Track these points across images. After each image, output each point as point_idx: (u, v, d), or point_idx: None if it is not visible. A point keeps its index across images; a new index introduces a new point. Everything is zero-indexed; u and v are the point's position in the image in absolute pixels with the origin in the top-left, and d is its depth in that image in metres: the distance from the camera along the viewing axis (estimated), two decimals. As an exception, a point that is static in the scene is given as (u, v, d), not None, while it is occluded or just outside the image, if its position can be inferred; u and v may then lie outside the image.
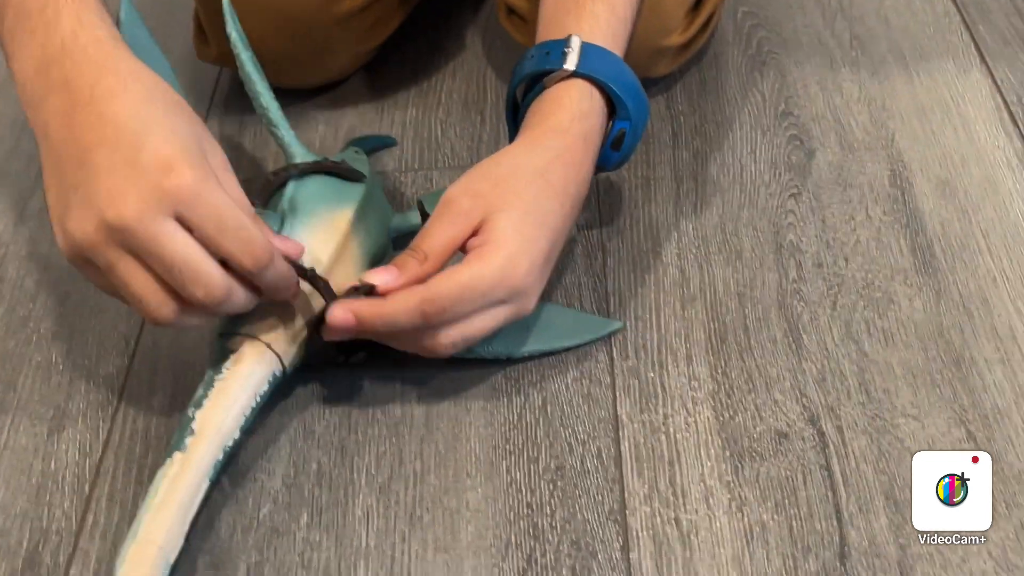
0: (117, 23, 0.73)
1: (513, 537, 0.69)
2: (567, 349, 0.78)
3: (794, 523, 0.68)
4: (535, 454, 0.73)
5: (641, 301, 0.82)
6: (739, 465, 0.72)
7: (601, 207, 0.90)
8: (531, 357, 0.78)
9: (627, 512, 0.70)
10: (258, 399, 0.71)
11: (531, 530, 0.69)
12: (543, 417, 0.75)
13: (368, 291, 0.69)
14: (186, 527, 0.66)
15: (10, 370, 0.81)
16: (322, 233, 0.75)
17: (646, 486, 0.71)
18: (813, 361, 0.77)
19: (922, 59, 1.01)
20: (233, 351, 0.71)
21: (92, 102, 0.64)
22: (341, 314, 0.68)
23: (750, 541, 0.68)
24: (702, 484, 0.71)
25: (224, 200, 0.63)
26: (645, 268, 0.84)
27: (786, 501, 0.69)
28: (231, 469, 0.73)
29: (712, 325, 0.80)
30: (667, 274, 0.84)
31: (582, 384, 0.77)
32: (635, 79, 0.78)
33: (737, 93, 0.99)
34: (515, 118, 0.80)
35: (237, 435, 0.70)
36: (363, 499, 0.72)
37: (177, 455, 0.67)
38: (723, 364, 0.77)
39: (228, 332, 0.72)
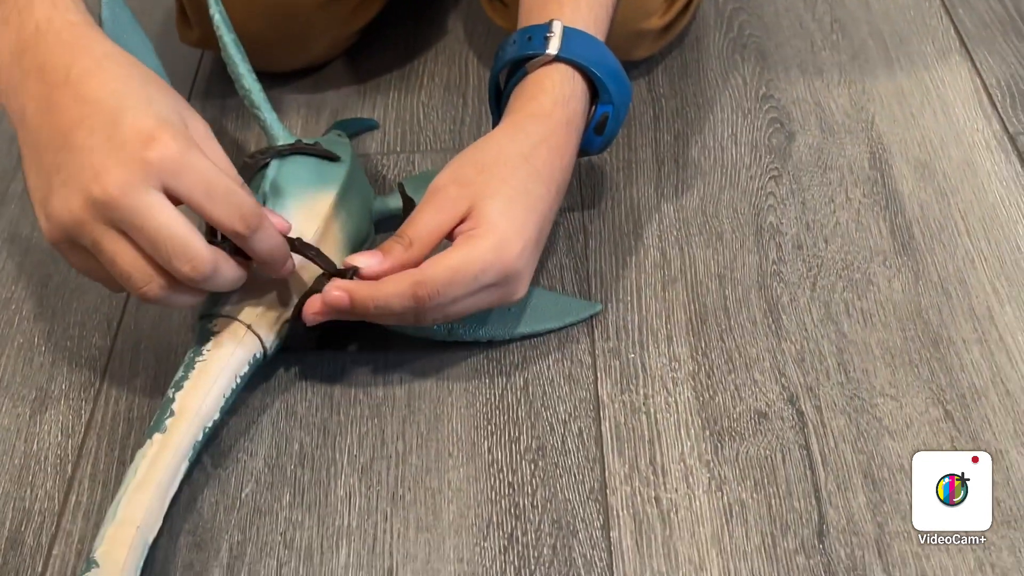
0: (99, 5, 0.73)
1: (495, 516, 0.69)
2: (549, 332, 0.79)
3: (773, 502, 0.69)
4: (516, 434, 0.74)
5: (622, 283, 0.83)
6: (719, 444, 0.72)
7: (583, 189, 0.90)
8: (512, 340, 0.78)
9: (607, 491, 0.70)
10: (238, 381, 0.71)
11: (512, 509, 0.70)
12: (524, 398, 0.76)
13: (352, 274, 0.70)
14: (165, 507, 0.66)
15: (-8, 352, 0.81)
16: (304, 215, 0.75)
17: (626, 465, 0.72)
18: (792, 342, 0.78)
19: (902, 43, 1.02)
20: (214, 333, 0.71)
21: (68, 83, 0.64)
22: (336, 293, 0.69)
23: (729, 519, 0.68)
24: (682, 463, 0.71)
25: (209, 166, 0.63)
26: (626, 250, 0.85)
27: (765, 480, 0.70)
28: (213, 449, 0.73)
29: (692, 306, 0.80)
30: (648, 256, 0.84)
31: (563, 365, 0.77)
32: (617, 63, 0.78)
33: (718, 76, 1.00)
34: (498, 103, 0.80)
35: (217, 416, 0.70)
36: (345, 479, 0.72)
37: (157, 436, 0.67)
38: (703, 345, 0.78)
39: (209, 314, 0.72)
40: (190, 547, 0.69)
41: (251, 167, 0.79)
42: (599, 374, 0.77)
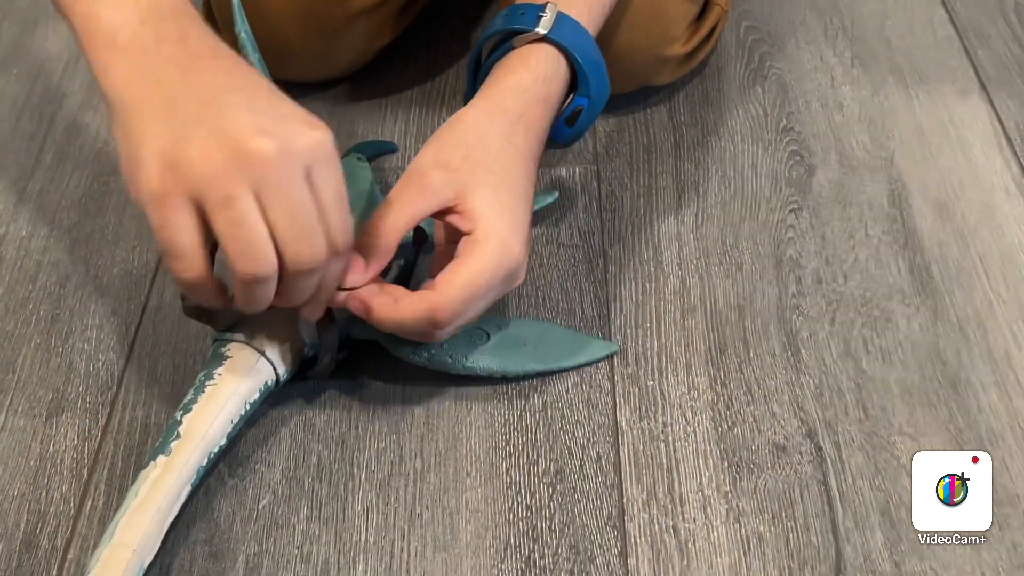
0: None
1: (512, 538, 0.69)
2: (562, 370, 0.79)
3: (791, 536, 0.69)
4: (535, 456, 0.74)
5: (641, 309, 0.83)
6: (737, 476, 0.72)
7: (603, 213, 0.90)
8: (527, 376, 0.78)
9: (625, 518, 0.70)
10: (248, 407, 0.71)
11: (530, 532, 0.70)
12: (543, 420, 0.76)
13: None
14: (163, 531, 0.65)
15: (9, 351, 0.80)
16: None
17: (644, 493, 0.72)
18: (811, 376, 0.78)
19: (922, 81, 1.02)
20: (227, 357, 0.71)
21: (214, 58, 0.63)
22: (356, 304, 0.69)
23: (747, 552, 0.69)
24: (700, 493, 0.72)
25: (342, 177, 0.63)
26: (646, 276, 0.85)
27: (783, 513, 0.70)
28: (231, 459, 0.73)
29: (712, 336, 0.81)
30: (668, 284, 0.85)
31: (582, 389, 0.78)
32: (601, 59, 0.78)
33: (739, 106, 1.00)
34: (475, 77, 0.80)
35: (223, 442, 0.69)
36: (363, 494, 0.72)
37: (161, 458, 0.66)
38: (722, 375, 0.78)
39: (223, 338, 0.72)
40: (206, 557, 0.69)
41: None
42: (618, 400, 0.77)
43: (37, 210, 0.91)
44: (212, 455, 0.69)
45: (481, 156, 0.71)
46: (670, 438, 0.75)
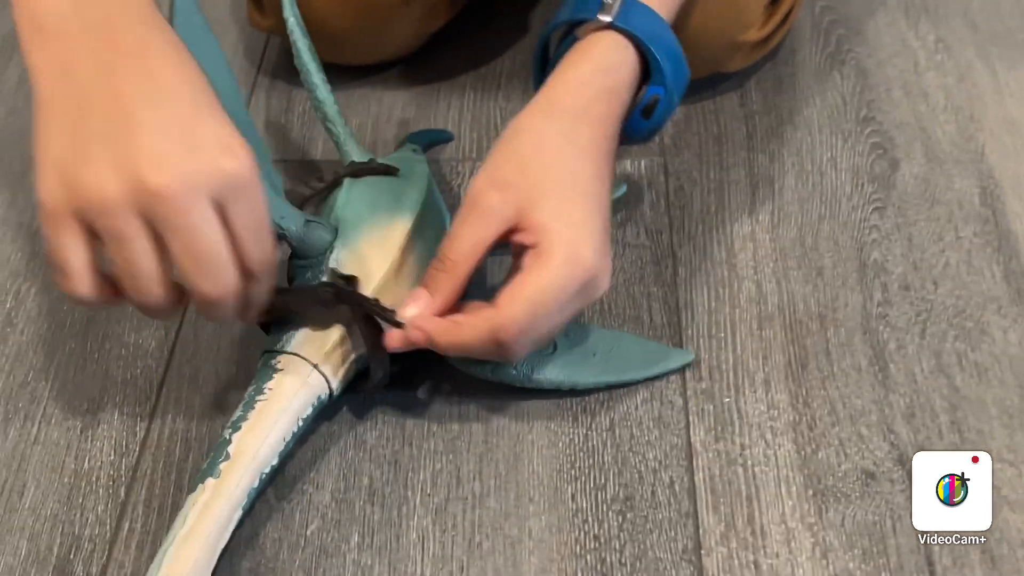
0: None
1: (579, 573, 0.64)
2: (634, 383, 0.73)
3: (883, 574, 0.64)
4: (602, 481, 0.69)
5: (714, 317, 0.77)
6: (823, 506, 0.67)
7: (671, 211, 0.84)
8: (597, 389, 0.73)
9: (702, 552, 0.65)
10: (300, 423, 0.66)
11: (599, 566, 0.65)
12: (611, 440, 0.70)
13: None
14: (214, 561, 0.61)
15: (43, 356, 0.76)
16: (377, 248, 0.70)
17: (722, 523, 0.66)
18: (901, 394, 0.72)
19: (1011, 68, 0.96)
20: (278, 370, 0.66)
21: (141, 57, 0.57)
22: (417, 335, 0.64)
23: (835, 592, 0.63)
24: (783, 525, 0.66)
25: (264, 202, 0.58)
26: (719, 281, 0.79)
27: (874, 550, 0.65)
28: (277, 481, 0.68)
29: (792, 348, 0.75)
30: (742, 289, 0.79)
31: (652, 406, 0.72)
32: (677, 45, 0.72)
33: (815, 93, 0.94)
34: (543, 72, 0.74)
35: (275, 462, 0.65)
36: (418, 520, 0.67)
37: (209, 481, 0.62)
38: (804, 392, 0.72)
39: (273, 350, 0.67)
40: (251, 588, 0.64)
41: (319, 193, 0.74)
42: (691, 418, 0.71)
43: (73, 202, 0.86)
44: (264, 476, 0.64)
45: (538, 165, 0.66)
46: (749, 462, 0.69)
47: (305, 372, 0.66)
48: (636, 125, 0.73)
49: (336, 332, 0.68)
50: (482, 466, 0.69)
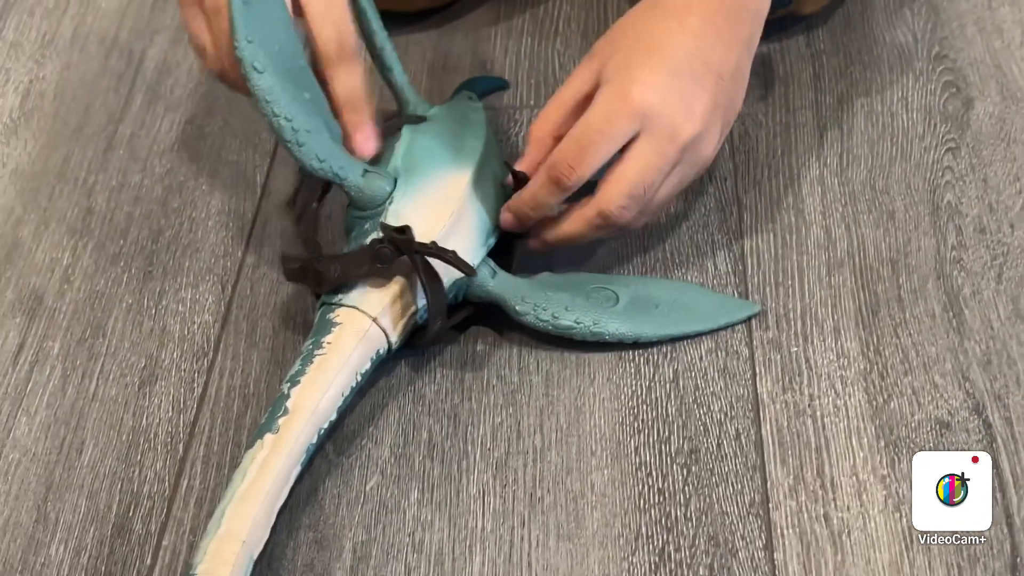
0: None
1: (644, 528, 0.63)
2: (699, 334, 0.71)
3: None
4: (666, 433, 0.67)
5: (781, 265, 0.75)
6: (895, 458, 0.65)
7: (736, 155, 0.82)
8: (661, 342, 0.71)
9: (770, 506, 0.63)
10: (359, 378, 0.65)
11: (663, 520, 0.63)
12: (675, 392, 0.69)
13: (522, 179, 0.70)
14: (272, 519, 0.60)
15: (100, 312, 0.75)
16: (437, 200, 0.69)
17: (791, 476, 0.64)
18: (977, 341, 0.69)
19: (1092, -1, 0.92)
20: (337, 324, 0.65)
21: None
22: (508, 219, 0.70)
23: (909, 546, 0.61)
24: (854, 477, 0.64)
25: None
26: (786, 227, 0.77)
27: (950, 502, 0.63)
28: (336, 436, 0.67)
29: (862, 295, 0.73)
30: (810, 234, 0.76)
31: (717, 356, 0.70)
32: None
33: (885, 31, 0.91)
34: None
35: (333, 417, 0.64)
36: (478, 475, 0.66)
37: (268, 437, 0.61)
38: (875, 340, 0.70)
39: (331, 303, 0.66)
40: (310, 544, 0.63)
41: (383, 134, 0.73)
42: (758, 368, 0.69)
43: (128, 157, 0.86)
44: (322, 431, 0.63)
45: (622, 32, 0.68)
46: (818, 413, 0.67)
47: (364, 326, 0.65)
48: None
49: (396, 285, 0.66)
50: (543, 420, 0.68)
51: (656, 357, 0.70)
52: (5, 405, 0.70)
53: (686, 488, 0.64)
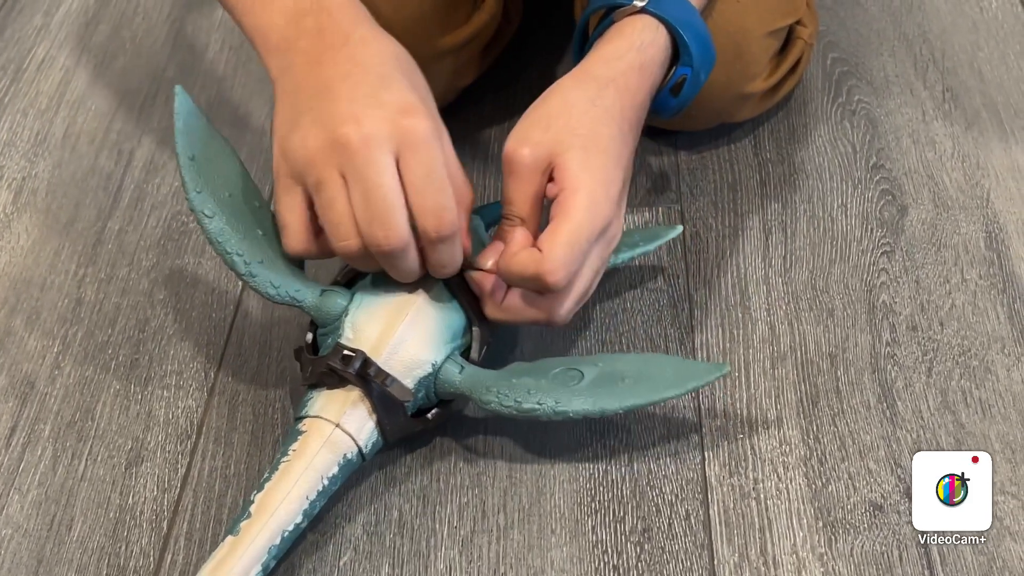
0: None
1: (599, 601, 0.67)
2: (667, 400, 0.74)
3: (890, 602, 0.67)
4: (621, 513, 0.72)
5: (729, 358, 0.80)
6: (832, 537, 0.70)
7: (688, 256, 0.88)
8: (628, 412, 0.73)
9: (717, 581, 0.68)
10: (325, 483, 0.68)
11: (618, 595, 0.68)
12: (629, 475, 0.74)
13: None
14: None
15: (89, 397, 0.80)
16: (392, 306, 0.73)
17: (736, 554, 0.69)
18: (908, 430, 0.75)
19: (1017, 116, 0.99)
20: (302, 432, 0.69)
21: (346, 46, 0.69)
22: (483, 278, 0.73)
23: (844, 619, 0.66)
24: (794, 556, 0.69)
25: (440, 158, 0.67)
26: (733, 323, 0.83)
27: (882, 578, 0.68)
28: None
29: (803, 387, 0.78)
30: (756, 330, 0.82)
31: (669, 442, 0.75)
32: (706, 29, 0.78)
33: (827, 142, 0.98)
34: (581, 51, 0.80)
35: (300, 520, 0.67)
36: (445, 552, 0.70)
37: (229, 539, 0.65)
38: (815, 428, 0.76)
39: (300, 415, 0.70)
40: (287, 616, 0.68)
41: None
42: (706, 453, 0.75)
43: (116, 251, 0.91)
44: (287, 534, 0.66)
45: (565, 121, 0.71)
46: (762, 495, 0.72)
47: (327, 431, 0.69)
48: (665, 102, 0.79)
49: (355, 392, 0.70)
50: (506, 500, 0.73)
51: (612, 442, 0.75)
52: (-2, 483, 0.75)
53: (639, 565, 0.69)
